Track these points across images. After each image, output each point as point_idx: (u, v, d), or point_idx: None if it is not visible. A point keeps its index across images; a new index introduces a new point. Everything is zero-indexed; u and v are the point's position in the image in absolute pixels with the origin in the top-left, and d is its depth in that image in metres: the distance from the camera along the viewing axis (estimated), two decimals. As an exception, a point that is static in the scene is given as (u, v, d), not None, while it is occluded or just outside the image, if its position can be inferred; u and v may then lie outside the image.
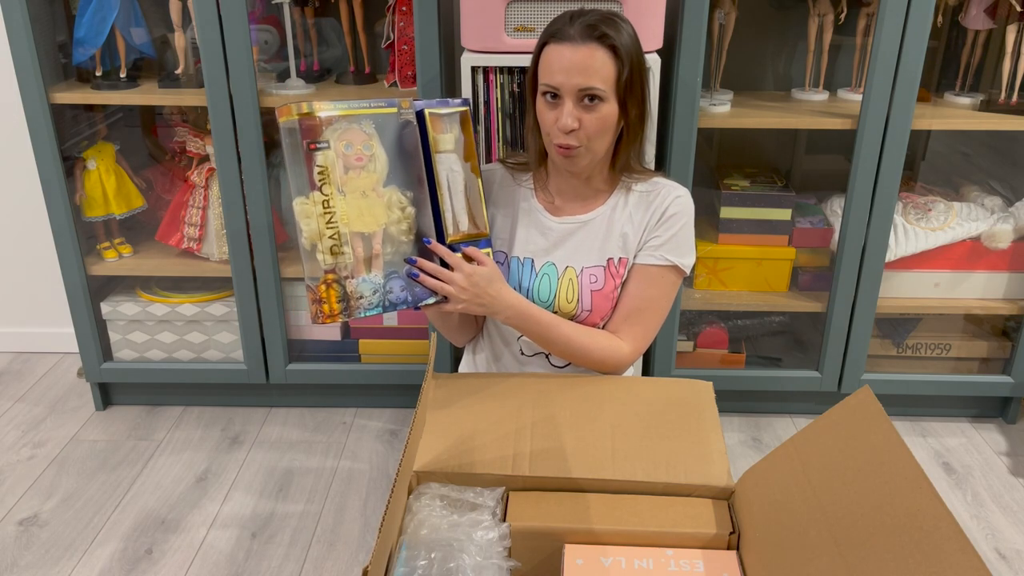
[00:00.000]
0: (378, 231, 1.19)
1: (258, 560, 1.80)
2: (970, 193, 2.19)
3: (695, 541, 1.01)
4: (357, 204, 1.16)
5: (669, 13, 1.77)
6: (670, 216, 1.35)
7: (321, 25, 2.17)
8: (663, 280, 1.36)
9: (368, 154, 1.18)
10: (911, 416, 2.32)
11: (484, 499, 1.04)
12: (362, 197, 1.17)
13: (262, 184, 2.03)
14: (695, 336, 2.25)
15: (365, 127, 1.18)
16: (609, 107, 1.25)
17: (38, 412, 2.34)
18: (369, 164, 1.18)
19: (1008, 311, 2.16)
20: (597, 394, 1.26)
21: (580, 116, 1.25)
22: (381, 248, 1.19)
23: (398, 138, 1.21)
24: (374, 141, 1.18)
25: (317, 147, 1.13)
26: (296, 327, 2.25)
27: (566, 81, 1.23)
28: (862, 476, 0.86)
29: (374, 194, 1.18)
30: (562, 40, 1.24)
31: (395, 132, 1.21)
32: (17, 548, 1.82)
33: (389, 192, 1.20)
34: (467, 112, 1.29)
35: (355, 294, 1.17)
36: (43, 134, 1.99)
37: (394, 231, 1.21)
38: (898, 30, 1.82)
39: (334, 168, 1.14)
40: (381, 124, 1.19)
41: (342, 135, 1.15)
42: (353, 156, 1.16)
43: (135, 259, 2.21)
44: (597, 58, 1.22)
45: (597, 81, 1.23)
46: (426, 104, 1.24)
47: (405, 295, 1.22)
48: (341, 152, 1.15)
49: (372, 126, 1.18)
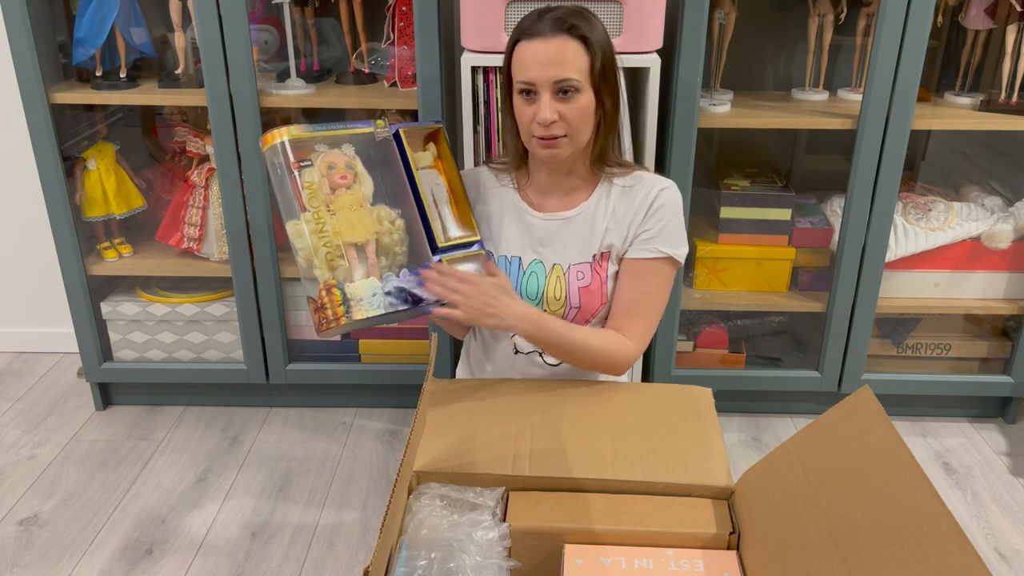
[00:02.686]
0: (371, 240, 1.21)
1: (258, 560, 1.80)
2: (970, 193, 2.19)
3: (695, 541, 1.01)
4: (347, 218, 1.20)
5: (669, 13, 1.77)
6: (658, 208, 1.35)
7: (321, 25, 2.17)
8: (658, 273, 1.36)
9: (352, 173, 1.23)
10: (911, 416, 2.32)
11: (484, 499, 1.04)
12: (350, 211, 1.20)
13: (262, 184, 2.03)
14: (695, 336, 2.25)
15: (345, 149, 1.24)
16: (586, 97, 1.27)
17: (38, 412, 2.34)
18: (354, 184, 1.22)
19: (1008, 311, 2.16)
20: (597, 395, 1.26)
21: (558, 108, 1.26)
22: (376, 257, 1.21)
23: (378, 157, 1.27)
24: (356, 162, 1.24)
25: (301, 165, 1.18)
26: (296, 327, 2.25)
27: (541, 75, 1.24)
28: (862, 476, 0.86)
29: (362, 209, 1.22)
30: (533, 36, 1.26)
31: (374, 151, 1.26)
32: (17, 548, 1.82)
33: (377, 208, 1.24)
34: (441, 130, 1.37)
35: (355, 296, 1.18)
36: (43, 134, 1.99)
37: (387, 241, 1.23)
38: (898, 30, 1.82)
39: (321, 187, 1.19)
40: (360, 145, 1.25)
41: (324, 158, 1.21)
42: (337, 175, 1.21)
43: (135, 259, 2.21)
44: (569, 49, 1.24)
45: (571, 72, 1.25)
46: (401, 125, 1.32)
47: (405, 297, 1.22)
48: (325, 173, 1.20)
49: (352, 148, 1.24)
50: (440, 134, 1.37)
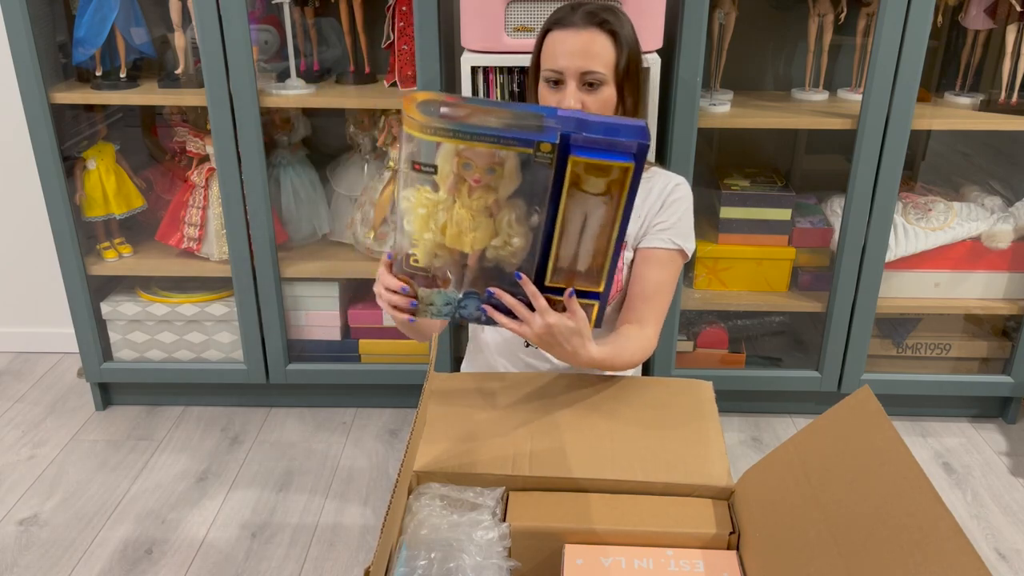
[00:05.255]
0: (477, 251, 1.04)
1: (258, 560, 1.80)
2: (970, 193, 2.19)
3: (695, 541, 1.01)
4: (465, 219, 1.00)
5: (669, 13, 1.77)
6: (673, 201, 1.38)
7: (321, 25, 2.17)
8: (672, 264, 1.39)
9: (491, 176, 0.98)
10: (911, 416, 2.32)
11: (484, 499, 1.04)
12: (470, 214, 1.00)
13: (262, 184, 2.03)
14: (695, 336, 2.25)
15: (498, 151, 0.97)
16: (609, 91, 1.30)
17: (38, 412, 2.34)
18: (489, 184, 0.99)
19: (1008, 311, 2.16)
20: (597, 394, 1.26)
21: (583, 99, 1.28)
22: (476, 264, 1.05)
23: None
24: (505, 164, 0.98)
25: (423, 169, 0.97)
26: (296, 327, 2.25)
27: (569, 64, 1.27)
28: (862, 476, 0.86)
29: (484, 213, 1.01)
30: (566, 26, 1.29)
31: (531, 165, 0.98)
32: (17, 548, 1.82)
33: (507, 211, 1.01)
34: (631, 168, 0.97)
35: (426, 299, 1.09)
36: (43, 134, 1.99)
37: (492, 255, 1.05)
38: (898, 30, 1.82)
39: (443, 175, 0.99)
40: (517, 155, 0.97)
41: (463, 153, 0.97)
42: (471, 176, 0.98)
43: (135, 259, 2.21)
44: (598, 42, 1.27)
45: (598, 65, 1.27)
46: (580, 152, 0.95)
47: (479, 314, 1.11)
48: (458, 168, 0.98)
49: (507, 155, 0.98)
50: (628, 172, 0.97)
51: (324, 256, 2.22)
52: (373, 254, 2.17)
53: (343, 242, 2.26)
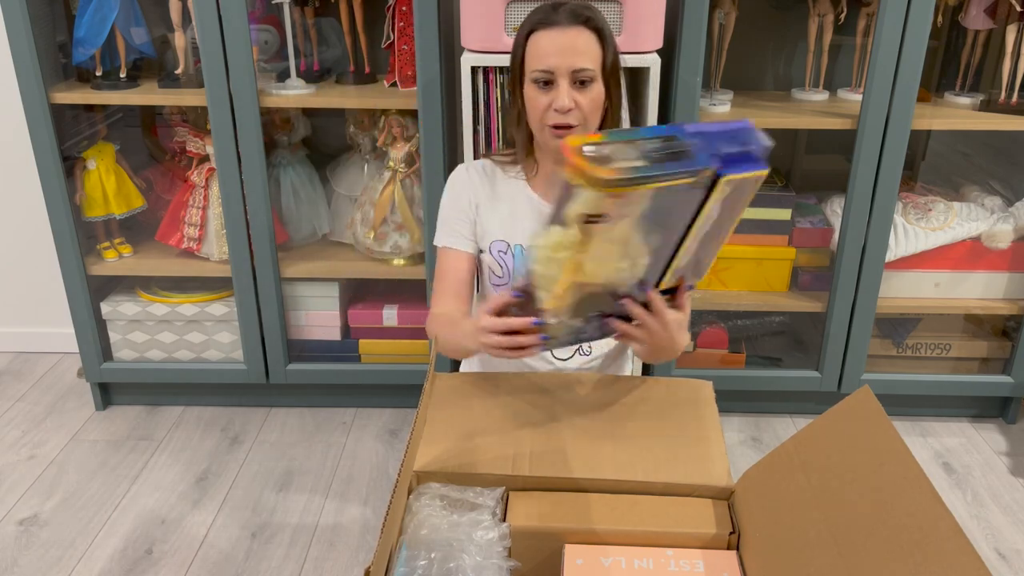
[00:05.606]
0: (600, 282, 1.03)
1: (258, 560, 1.79)
2: (970, 193, 2.19)
3: (695, 541, 1.01)
4: (611, 252, 0.98)
5: (669, 13, 1.77)
6: None
7: (321, 25, 2.17)
8: None
9: (626, 209, 0.93)
10: (911, 416, 2.32)
11: (484, 499, 1.04)
12: (600, 244, 0.96)
13: (262, 184, 2.03)
14: (695, 336, 2.25)
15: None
16: (598, 87, 1.30)
17: (38, 412, 2.34)
18: (623, 214, 0.94)
19: (1008, 311, 2.16)
20: (597, 394, 1.26)
21: (574, 97, 1.28)
22: (601, 289, 1.04)
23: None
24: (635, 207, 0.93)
25: (597, 220, 0.92)
26: (296, 327, 2.26)
27: (560, 63, 1.27)
28: (862, 476, 0.86)
29: (613, 242, 0.97)
30: (550, 25, 1.28)
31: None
32: (17, 548, 1.82)
33: (634, 235, 0.98)
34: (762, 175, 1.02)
35: (551, 333, 1.09)
36: (43, 134, 1.99)
37: (615, 279, 1.05)
38: (898, 30, 1.82)
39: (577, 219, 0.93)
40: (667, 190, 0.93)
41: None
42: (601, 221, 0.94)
43: (135, 259, 2.21)
44: (585, 40, 1.28)
45: (588, 62, 1.28)
46: (730, 170, 0.98)
47: (596, 333, 1.14)
48: (581, 220, 0.93)
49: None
50: (762, 178, 1.04)
51: (324, 256, 2.22)
52: (373, 254, 2.17)
53: (343, 242, 2.26)
